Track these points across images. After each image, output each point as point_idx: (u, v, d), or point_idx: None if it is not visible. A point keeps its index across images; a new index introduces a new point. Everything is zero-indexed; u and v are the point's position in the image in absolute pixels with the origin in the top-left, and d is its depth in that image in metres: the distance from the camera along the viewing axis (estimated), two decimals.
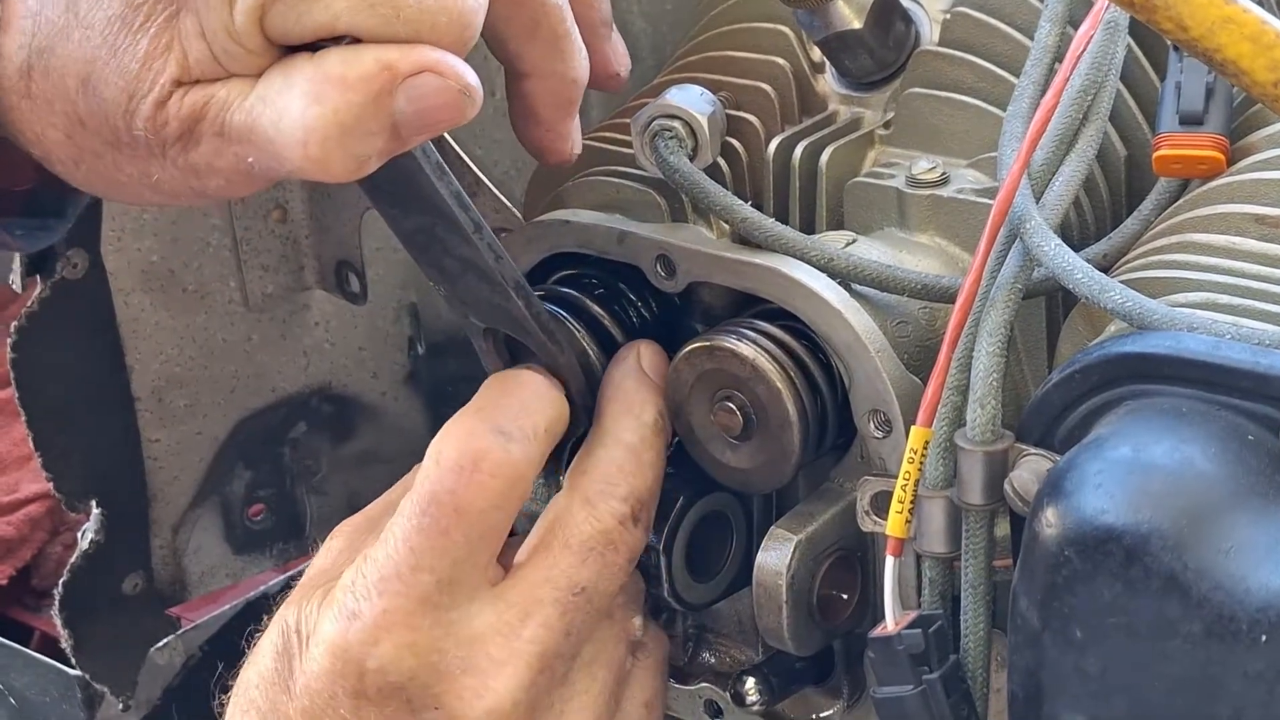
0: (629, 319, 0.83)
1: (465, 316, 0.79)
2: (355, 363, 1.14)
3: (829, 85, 0.86)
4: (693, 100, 0.79)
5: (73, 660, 1.08)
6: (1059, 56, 0.76)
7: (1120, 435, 0.62)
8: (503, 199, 0.89)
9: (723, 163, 0.82)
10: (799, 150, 0.82)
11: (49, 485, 1.03)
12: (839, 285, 0.75)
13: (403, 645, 0.72)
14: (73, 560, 1.04)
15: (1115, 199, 0.79)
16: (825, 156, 0.82)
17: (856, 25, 0.82)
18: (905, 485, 0.70)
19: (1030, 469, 0.67)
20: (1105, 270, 0.70)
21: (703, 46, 0.89)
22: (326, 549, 0.80)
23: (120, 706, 1.09)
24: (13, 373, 0.99)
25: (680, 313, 0.83)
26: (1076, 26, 0.76)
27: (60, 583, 1.04)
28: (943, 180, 0.79)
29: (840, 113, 0.85)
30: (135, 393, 1.04)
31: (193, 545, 1.10)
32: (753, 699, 0.81)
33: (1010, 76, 0.79)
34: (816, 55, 0.86)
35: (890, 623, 0.71)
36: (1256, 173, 0.72)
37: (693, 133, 0.79)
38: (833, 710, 0.83)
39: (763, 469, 0.77)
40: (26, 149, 0.69)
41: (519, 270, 0.77)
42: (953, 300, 0.71)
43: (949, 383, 0.70)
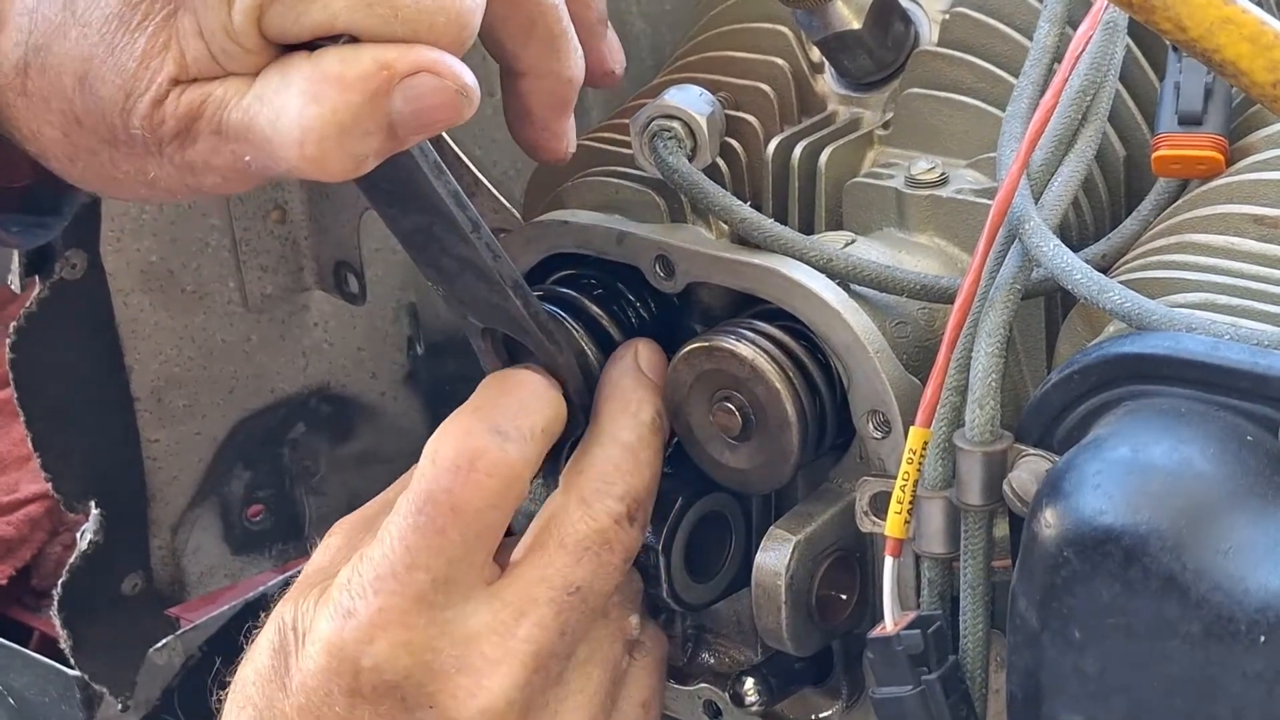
0: (628, 319, 0.82)
1: (463, 316, 0.79)
2: (354, 363, 1.14)
3: (828, 85, 0.86)
4: (692, 100, 0.79)
5: (72, 660, 1.07)
6: (1058, 57, 0.76)
7: (1119, 436, 0.62)
8: (501, 199, 0.89)
9: (722, 163, 0.82)
10: (798, 150, 0.82)
11: (48, 485, 1.03)
12: (838, 286, 0.75)
13: (398, 644, 0.72)
14: (72, 560, 1.04)
15: (1114, 199, 0.79)
16: (824, 157, 0.82)
17: (855, 25, 0.82)
18: (904, 486, 0.70)
19: (1029, 469, 0.67)
20: (1104, 271, 0.70)
21: (702, 47, 0.89)
22: (324, 547, 0.80)
23: (119, 707, 1.09)
24: (12, 373, 0.99)
25: (679, 313, 0.83)
26: (1075, 27, 0.76)
27: (59, 583, 1.04)
28: (942, 180, 0.79)
29: (839, 113, 0.85)
30: (134, 393, 1.04)
31: (192, 545, 1.10)
32: (751, 699, 0.81)
33: (1009, 77, 0.79)
34: (816, 55, 0.86)
35: (889, 623, 0.71)
36: (1255, 173, 0.72)
37: (691, 133, 0.79)
38: (832, 711, 0.83)
39: (761, 469, 0.77)
40: (23, 146, 0.69)
41: (517, 270, 0.77)
42: (952, 301, 0.71)
43: (948, 383, 0.69)
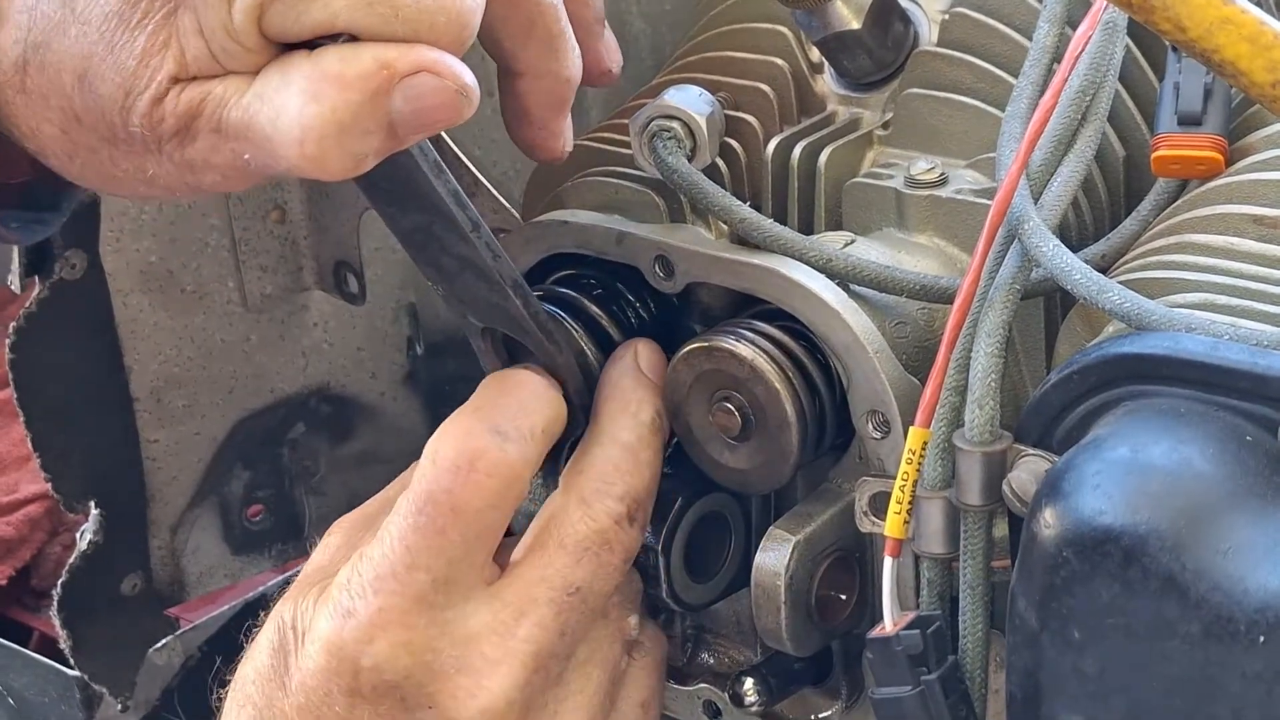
0: (627, 319, 0.82)
1: (463, 316, 0.79)
2: (354, 363, 1.14)
3: (828, 86, 0.86)
4: (691, 101, 0.79)
5: (71, 661, 1.07)
6: (1057, 57, 0.76)
7: (1118, 436, 0.62)
8: (501, 199, 0.89)
9: (721, 163, 0.82)
10: (797, 151, 0.82)
11: (48, 485, 1.03)
12: (837, 286, 0.75)
13: (398, 644, 0.72)
14: (71, 561, 1.04)
15: (1114, 199, 0.79)
16: (824, 157, 0.82)
17: (855, 26, 0.82)
18: (903, 486, 0.70)
19: (1028, 470, 0.67)
20: (1103, 271, 0.70)
21: (701, 47, 0.89)
22: (324, 545, 0.80)
23: (119, 707, 1.09)
24: (11, 373, 0.99)
25: (679, 313, 0.83)
26: (1075, 27, 0.76)
27: (59, 583, 1.04)
28: (941, 181, 0.79)
29: (839, 113, 0.85)
30: (134, 393, 1.04)
31: (191, 546, 1.10)
32: (751, 700, 0.81)
33: (1009, 77, 0.79)
34: (815, 56, 0.86)
35: (888, 623, 0.71)
36: (1255, 173, 0.72)
37: (691, 133, 0.79)
38: (831, 711, 0.83)
39: (761, 469, 0.77)
40: (22, 143, 0.69)
41: (517, 270, 0.77)
42: (951, 301, 0.71)
43: (947, 383, 0.69)
